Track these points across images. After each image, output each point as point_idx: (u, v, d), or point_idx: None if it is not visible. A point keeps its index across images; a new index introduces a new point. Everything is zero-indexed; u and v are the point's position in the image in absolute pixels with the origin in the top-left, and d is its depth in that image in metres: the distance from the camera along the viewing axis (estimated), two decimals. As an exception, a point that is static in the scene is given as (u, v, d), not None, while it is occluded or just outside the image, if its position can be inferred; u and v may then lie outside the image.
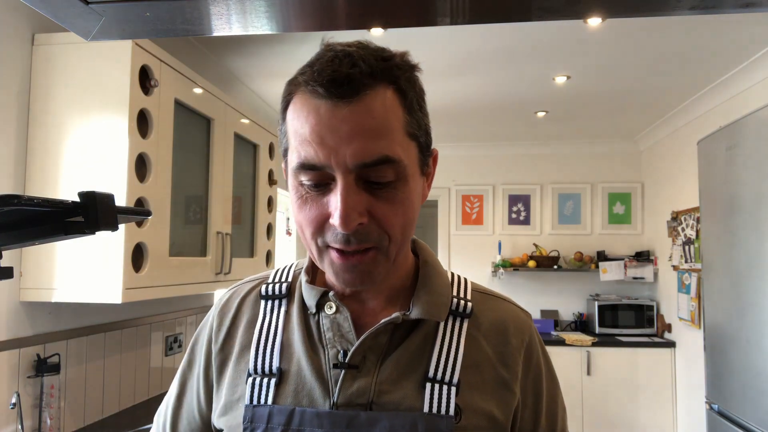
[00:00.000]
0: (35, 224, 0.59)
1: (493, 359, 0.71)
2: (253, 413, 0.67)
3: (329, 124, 0.60)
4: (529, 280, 4.97)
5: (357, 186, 0.61)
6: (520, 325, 0.75)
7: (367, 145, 0.59)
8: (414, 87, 0.65)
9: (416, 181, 0.66)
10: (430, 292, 0.72)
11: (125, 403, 2.27)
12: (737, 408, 2.19)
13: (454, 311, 0.72)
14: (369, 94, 0.60)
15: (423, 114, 0.67)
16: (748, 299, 2.11)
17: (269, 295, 0.76)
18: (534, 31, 2.65)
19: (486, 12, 0.53)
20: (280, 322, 0.73)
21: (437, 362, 0.68)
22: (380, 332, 0.68)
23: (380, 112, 0.60)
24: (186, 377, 0.80)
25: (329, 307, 0.70)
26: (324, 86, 0.59)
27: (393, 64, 0.63)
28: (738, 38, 2.72)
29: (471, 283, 0.78)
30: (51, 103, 1.79)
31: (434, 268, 0.76)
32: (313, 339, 0.71)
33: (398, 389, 0.66)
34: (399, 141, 0.62)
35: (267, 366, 0.70)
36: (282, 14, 0.53)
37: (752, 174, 2.09)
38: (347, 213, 0.59)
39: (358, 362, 0.67)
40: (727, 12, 0.49)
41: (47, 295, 1.75)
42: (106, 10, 0.51)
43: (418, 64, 0.67)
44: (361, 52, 0.61)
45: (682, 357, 4.09)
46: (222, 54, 2.94)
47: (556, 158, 5.05)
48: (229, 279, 2.45)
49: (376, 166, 0.60)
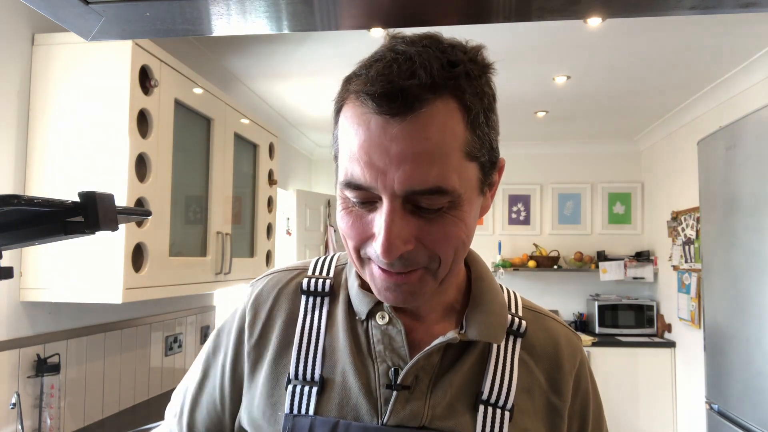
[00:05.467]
0: (35, 224, 0.59)
1: (545, 385, 0.68)
2: (293, 423, 0.63)
3: (379, 143, 0.54)
4: (529, 280, 4.97)
5: (404, 210, 0.55)
6: (572, 350, 0.72)
7: (418, 171, 0.53)
8: (482, 99, 0.57)
9: (474, 203, 0.60)
10: (486, 311, 0.67)
11: (125, 403, 2.27)
12: (737, 408, 2.19)
13: (511, 330, 0.68)
14: (426, 110, 0.53)
15: (489, 128, 0.59)
16: (748, 299, 2.11)
17: (311, 291, 0.71)
18: (534, 31, 2.65)
19: (486, 12, 0.53)
20: (323, 324, 0.68)
21: (491, 385, 0.64)
22: (434, 352, 0.64)
23: (437, 134, 0.53)
24: (209, 364, 0.76)
25: (381, 317, 0.66)
26: (375, 100, 0.53)
27: (461, 71, 0.55)
28: (738, 38, 2.72)
29: (521, 299, 0.74)
30: (51, 103, 1.79)
31: (489, 283, 0.71)
32: (360, 349, 0.66)
33: (452, 414, 0.63)
34: (455, 166, 0.55)
35: (309, 373, 0.66)
36: (282, 14, 0.53)
37: (752, 174, 2.09)
38: (390, 242, 0.54)
39: (410, 382, 0.63)
40: (727, 12, 0.49)
41: (47, 295, 1.75)
42: (106, 10, 0.51)
43: (492, 65, 0.59)
44: (425, 56, 0.54)
45: (682, 357, 4.09)
46: (222, 54, 2.94)
47: (556, 158, 5.05)
48: (229, 279, 2.45)
49: (426, 195, 0.54)
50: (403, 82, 0.52)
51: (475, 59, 0.58)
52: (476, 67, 0.57)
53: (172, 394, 0.84)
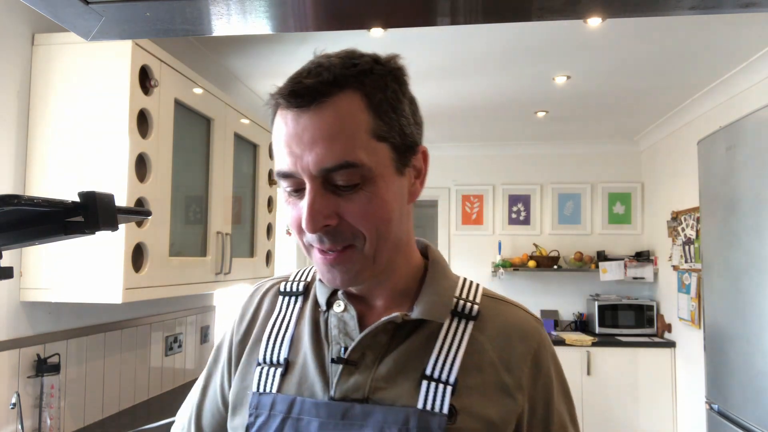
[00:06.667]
0: (35, 224, 0.59)
1: (497, 363, 0.70)
2: (258, 400, 0.71)
3: (294, 133, 0.64)
4: (529, 280, 4.97)
5: (324, 189, 0.64)
6: (528, 331, 0.74)
7: (326, 150, 0.62)
8: (384, 90, 0.66)
9: (390, 181, 0.67)
10: (432, 294, 0.73)
11: (125, 403, 2.27)
12: (737, 408, 2.19)
13: (459, 313, 0.73)
14: (328, 101, 0.63)
15: (398, 115, 0.67)
16: (748, 299, 2.11)
17: (287, 292, 0.80)
18: (534, 31, 2.65)
19: (486, 12, 0.53)
20: (293, 317, 0.77)
21: (436, 361, 0.69)
22: (380, 331, 0.69)
23: (340, 118, 0.63)
24: (212, 371, 0.84)
25: (338, 305, 0.73)
26: (285, 97, 0.64)
27: (360, 69, 0.65)
28: (738, 38, 2.72)
29: (483, 289, 0.78)
30: (51, 103, 1.79)
31: (442, 271, 0.77)
32: (320, 334, 0.73)
33: (394, 386, 0.68)
34: (363, 144, 0.64)
35: (276, 356, 0.74)
36: (282, 14, 0.53)
37: (752, 174, 2.09)
38: (312, 215, 0.63)
39: (356, 359, 0.69)
40: (727, 12, 0.49)
41: (47, 295, 1.74)
42: (106, 10, 0.51)
43: (401, 68, 0.69)
44: (332, 62, 0.64)
45: (682, 357, 4.09)
46: (222, 54, 2.93)
47: (556, 158, 5.05)
48: (229, 279, 2.45)
49: (338, 170, 0.63)
50: (309, 81, 0.63)
51: (382, 62, 0.67)
52: (381, 67, 0.66)
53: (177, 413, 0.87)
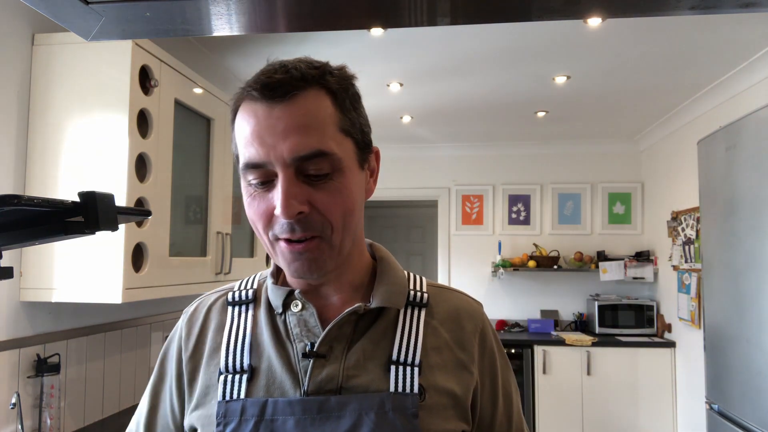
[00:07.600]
0: (35, 224, 0.59)
1: (451, 343, 0.77)
2: (226, 408, 0.70)
3: (266, 124, 0.66)
4: (529, 280, 4.96)
5: (297, 179, 0.66)
6: (472, 312, 0.82)
7: (301, 139, 0.65)
8: (346, 90, 0.71)
9: (355, 174, 0.71)
10: (388, 284, 0.77)
11: (125, 403, 2.27)
12: (737, 408, 2.19)
13: (412, 302, 0.78)
14: (300, 95, 0.67)
15: (358, 114, 0.72)
16: (748, 299, 2.10)
17: (236, 302, 0.80)
18: (534, 31, 2.65)
19: (486, 12, 0.53)
20: (248, 324, 0.77)
21: (399, 346, 0.73)
22: (344, 323, 0.73)
23: (312, 110, 0.67)
24: (158, 390, 0.82)
25: (295, 305, 0.74)
26: (258, 90, 0.67)
27: (324, 71, 0.70)
28: (738, 38, 2.72)
29: (425, 280, 0.84)
30: (51, 103, 1.79)
31: (390, 264, 0.82)
32: (280, 336, 0.74)
33: (365, 373, 0.71)
34: (332, 136, 0.68)
35: (238, 364, 0.73)
36: (281, 14, 0.53)
37: (752, 174, 2.09)
38: (288, 202, 0.65)
39: (325, 351, 0.71)
40: (727, 12, 0.49)
41: (47, 295, 1.74)
42: (106, 10, 0.51)
43: (354, 75, 0.75)
44: (295, 63, 0.69)
45: (682, 357, 4.09)
46: (222, 54, 2.94)
47: (556, 158, 5.05)
48: (229, 279, 2.45)
49: (311, 159, 0.66)
50: (280, 77, 0.67)
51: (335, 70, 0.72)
52: (339, 72, 0.72)
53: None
